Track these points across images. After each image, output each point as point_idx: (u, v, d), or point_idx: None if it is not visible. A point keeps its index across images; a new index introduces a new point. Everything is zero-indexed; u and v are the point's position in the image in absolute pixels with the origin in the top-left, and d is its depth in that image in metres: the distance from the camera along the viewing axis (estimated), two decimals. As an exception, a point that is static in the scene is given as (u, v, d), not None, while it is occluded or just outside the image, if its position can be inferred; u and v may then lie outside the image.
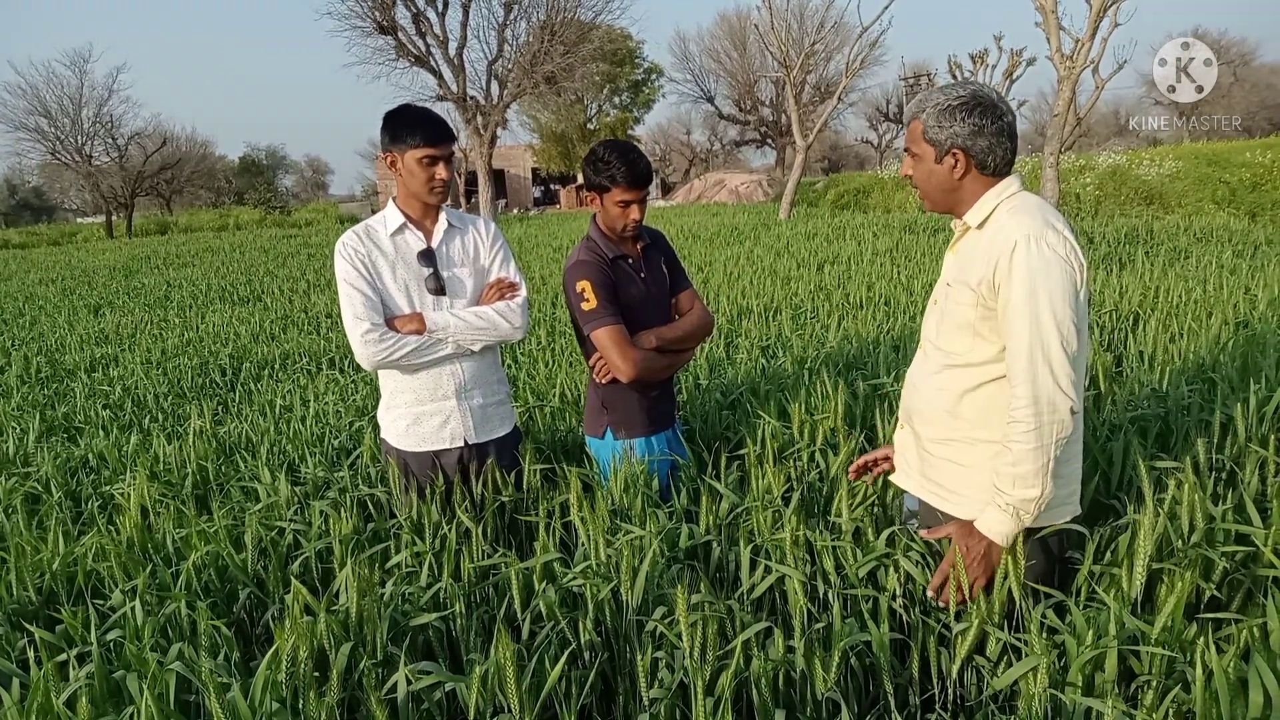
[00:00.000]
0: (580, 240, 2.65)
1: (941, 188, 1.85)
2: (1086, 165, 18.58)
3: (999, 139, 1.79)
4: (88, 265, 17.61)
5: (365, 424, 3.87)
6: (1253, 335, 4.48)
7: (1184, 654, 1.60)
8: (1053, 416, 1.68)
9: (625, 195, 2.47)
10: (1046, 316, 1.66)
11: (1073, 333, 1.67)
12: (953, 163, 1.81)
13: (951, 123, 1.78)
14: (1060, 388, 1.67)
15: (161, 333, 8.16)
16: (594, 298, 2.48)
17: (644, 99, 43.64)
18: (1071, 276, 1.68)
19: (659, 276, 2.68)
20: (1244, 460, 2.48)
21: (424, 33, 22.17)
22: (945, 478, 1.94)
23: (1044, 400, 1.67)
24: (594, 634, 1.89)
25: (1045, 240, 1.68)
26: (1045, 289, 1.66)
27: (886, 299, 6.89)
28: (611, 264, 2.55)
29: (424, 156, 2.39)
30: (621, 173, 2.44)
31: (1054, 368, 1.67)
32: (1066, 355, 1.66)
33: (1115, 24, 12.16)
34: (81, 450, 3.99)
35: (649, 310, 2.60)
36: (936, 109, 1.80)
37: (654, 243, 2.71)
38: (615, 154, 2.46)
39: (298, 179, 66.53)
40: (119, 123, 36.41)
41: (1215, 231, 11.06)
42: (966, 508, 1.88)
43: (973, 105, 1.77)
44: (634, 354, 2.49)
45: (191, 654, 1.81)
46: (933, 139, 1.82)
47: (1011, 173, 1.85)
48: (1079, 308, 1.70)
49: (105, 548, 2.45)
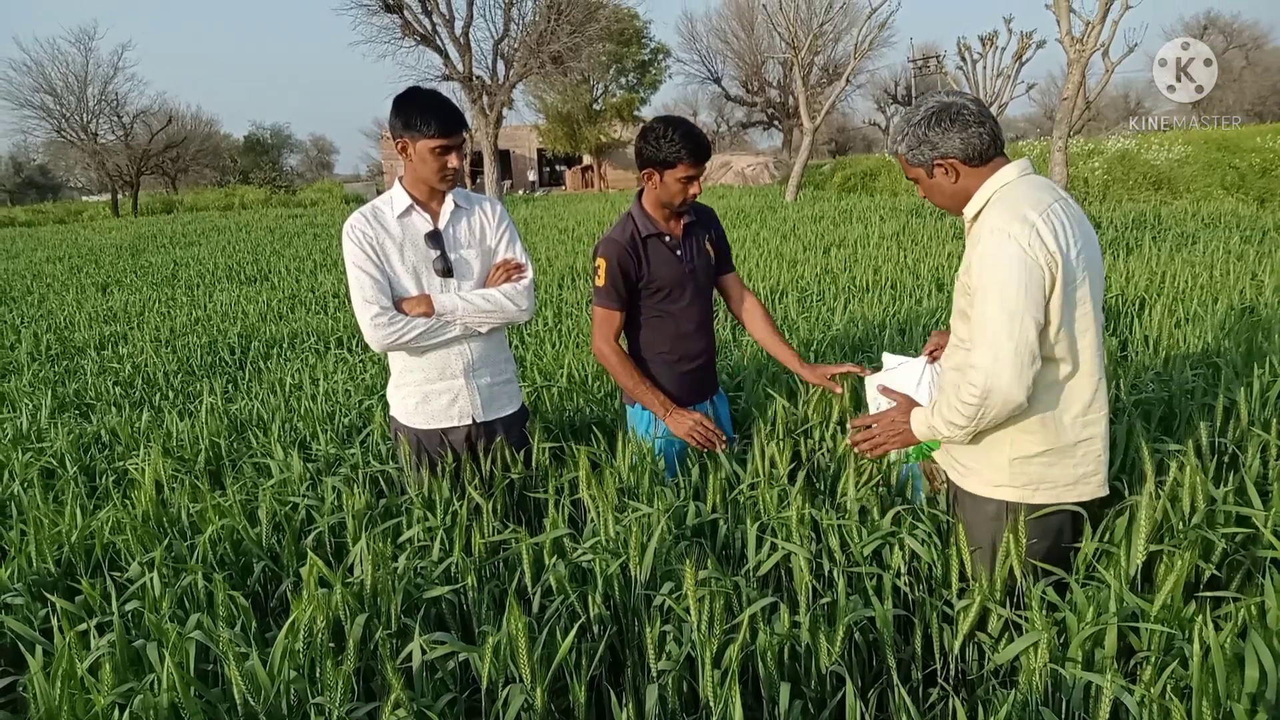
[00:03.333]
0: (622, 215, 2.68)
1: (948, 195, 1.93)
2: (1095, 149, 18.47)
3: (969, 130, 1.83)
4: (94, 243, 17.65)
5: (375, 402, 3.91)
6: (1258, 320, 4.49)
7: (1183, 631, 1.63)
8: (992, 400, 1.77)
9: (689, 171, 2.47)
10: (996, 308, 1.74)
11: (1025, 325, 1.72)
12: (943, 172, 1.89)
13: (919, 142, 1.88)
14: (1000, 379, 1.74)
15: (170, 311, 8.21)
16: (604, 277, 2.57)
17: (650, 79, 43.41)
18: (1033, 269, 1.72)
19: (701, 253, 2.69)
20: (1246, 444, 2.50)
21: (430, 11, 22.07)
22: (961, 453, 2.02)
23: (989, 386, 1.76)
24: (603, 608, 1.93)
25: (1009, 232, 1.73)
26: (999, 281, 1.74)
27: (893, 282, 6.90)
28: (645, 242, 2.58)
29: (437, 147, 2.39)
30: (688, 149, 2.44)
31: (999, 359, 1.74)
32: (1013, 347, 1.72)
33: (1126, 6, 12.06)
34: (94, 426, 4.04)
35: (687, 289, 2.63)
36: (904, 139, 1.90)
37: (699, 220, 2.71)
38: (678, 130, 2.46)
39: (303, 158, 66.39)
40: (124, 101, 36.46)
41: (1223, 217, 11.02)
42: (974, 481, 1.97)
43: (930, 118, 1.85)
44: (604, 345, 2.60)
45: (209, 624, 1.85)
46: (916, 162, 1.91)
47: (1005, 156, 1.89)
48: (1037, 298, 1.73)
49: (121, 521, 2.50)
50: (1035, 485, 1.90)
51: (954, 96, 1.86)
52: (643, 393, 2.56)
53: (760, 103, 45.81)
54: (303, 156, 66.43)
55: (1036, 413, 1.86)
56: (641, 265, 2.57)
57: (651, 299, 2.62)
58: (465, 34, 22.52)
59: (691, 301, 2.65)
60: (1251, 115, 44.53)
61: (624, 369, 2.59)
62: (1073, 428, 1.88)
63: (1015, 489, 1.91)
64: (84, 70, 34.56)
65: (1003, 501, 1.93)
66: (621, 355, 2.61)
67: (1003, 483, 1.92)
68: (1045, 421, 1.87)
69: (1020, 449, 1.89)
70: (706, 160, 2.51)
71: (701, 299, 2.69)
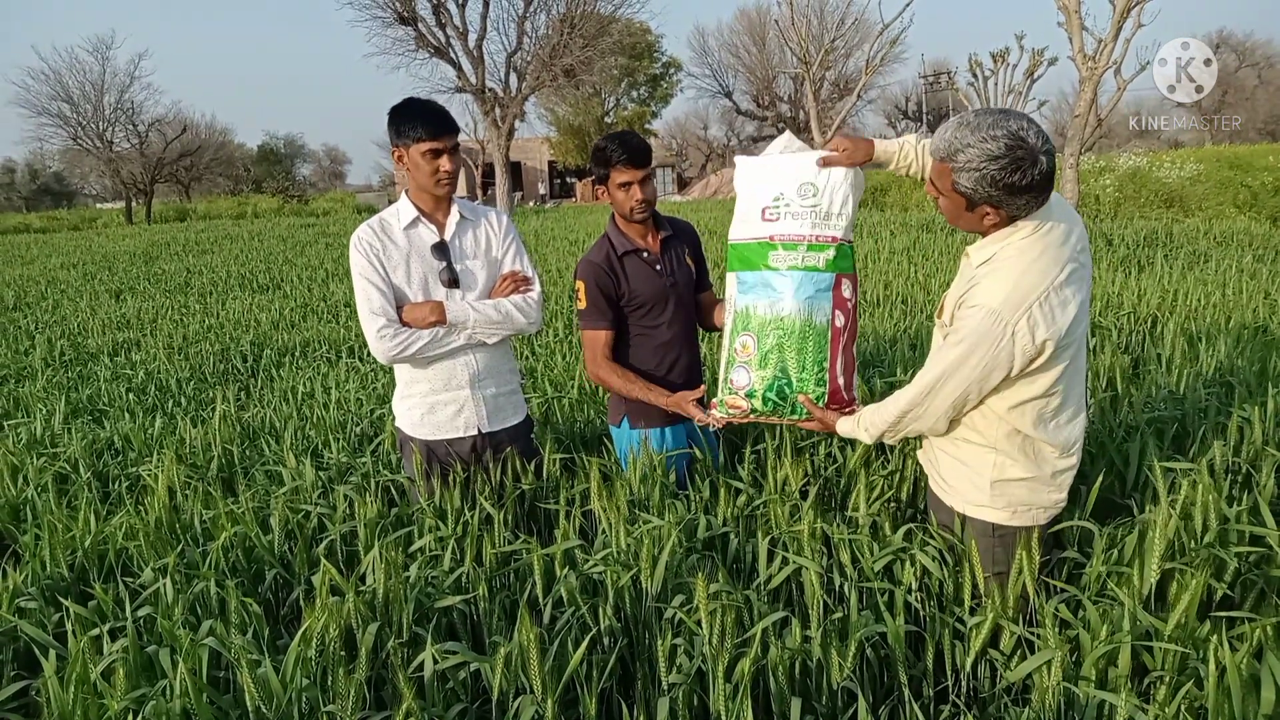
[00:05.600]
0: None
1: (967, 225, 1.84)
2: (1106, 167, 18.45)
3: (1033, 196, 1.71)
4: (108, 250, 17.77)
5: (386, 412, 3.92)
6: (1271, 340, 4.48)
7: (1197, 651, 1.63)
8: (910, 426, 1.96)
9: (625, 175, 2.49)
10: (953, 365, 1.80)
11: (965, 391, 1.82)
12: (984, 214, 1.77)
13: (989, 186, 1.69)
14: (924, 417, 1.91)
15: (182, 319, 8.26)
16: (584, 298, 2.58)
17: (662, 93, 43.61)
18: (1001, 358, 1.74)
19: (682, 267, 2.68)
20: (1260, 463, 2.49)
21: (444, 24, 22.21)
22: (945, 471, 2.04)
23: (916, 414, 1.91)
24: (614, 620, 1.93)
25: (1000, 316, 1.72)
26: (967, 347, 1.77)
27: (904, 297, 6.90)
28: (621, 260, 2.57)
29: (428, 150, 2.40)
30: (617, 154, 2.46)
31: (933, 402, 1.87)
32: (949, 402, 1.85)
33: (1139, 25, 12.06)
34: (108, 432, 4.06)
35: (669, 302, 2.62)
36: (969, 164, 1.69)
37: (677, 234, 2.72)
38: (609, 139, 2.50)
39: (315, 168, 66.91)
40: (140, 109, 36.86)
41: (1236, 235, 10.99)
42: (954, 497, 2.01)
43: (1011, 165, 1.65)
44: (595, 368, 2.61)
45: (222, 631, 1.86)
46: (964, 193, 1.74)
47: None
48: (989, 380, 1.78)
49: (134, 527, 2.51)
50: (1014, 508, 1.93)
51: (1034, 137, 1.65)
52: (646, 394, 2.56)
53: (771, 117, 45.88)
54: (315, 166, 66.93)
55: (1028, 443, 1.89)
56: (621, 283, 2.57)
57: (634, 315, 2.62)
58: (479, 47, 22.64)
59: (674, 315, 2.64)
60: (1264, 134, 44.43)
61: (624, 383, 2.58)
62: (1057, 459, 1.92)
63: (995, 510, 1.94)
64: (101, 79, 34.99)
65: (987, 522, 1.96)
66: (617, 371, 2.60)
67: (984, 503, 1.95)
68: (1033, 452, 1.90)
69: (1004, 473, 1.91)
70: (644, 164, 2.50)
71: (684, 312, 2.68)
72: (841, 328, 2.18)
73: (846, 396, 2.20)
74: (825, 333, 2.16)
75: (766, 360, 2.20)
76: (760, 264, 2.22)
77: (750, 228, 2.27)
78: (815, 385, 2.16)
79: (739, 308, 2.27)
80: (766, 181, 2.25)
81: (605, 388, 2.68)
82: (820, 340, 2.16)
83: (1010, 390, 1.82)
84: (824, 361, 2.16)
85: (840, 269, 2.18)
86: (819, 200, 2.17)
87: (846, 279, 2.20)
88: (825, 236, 2.16)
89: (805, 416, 2.21)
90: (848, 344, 2.21)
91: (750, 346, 2.23)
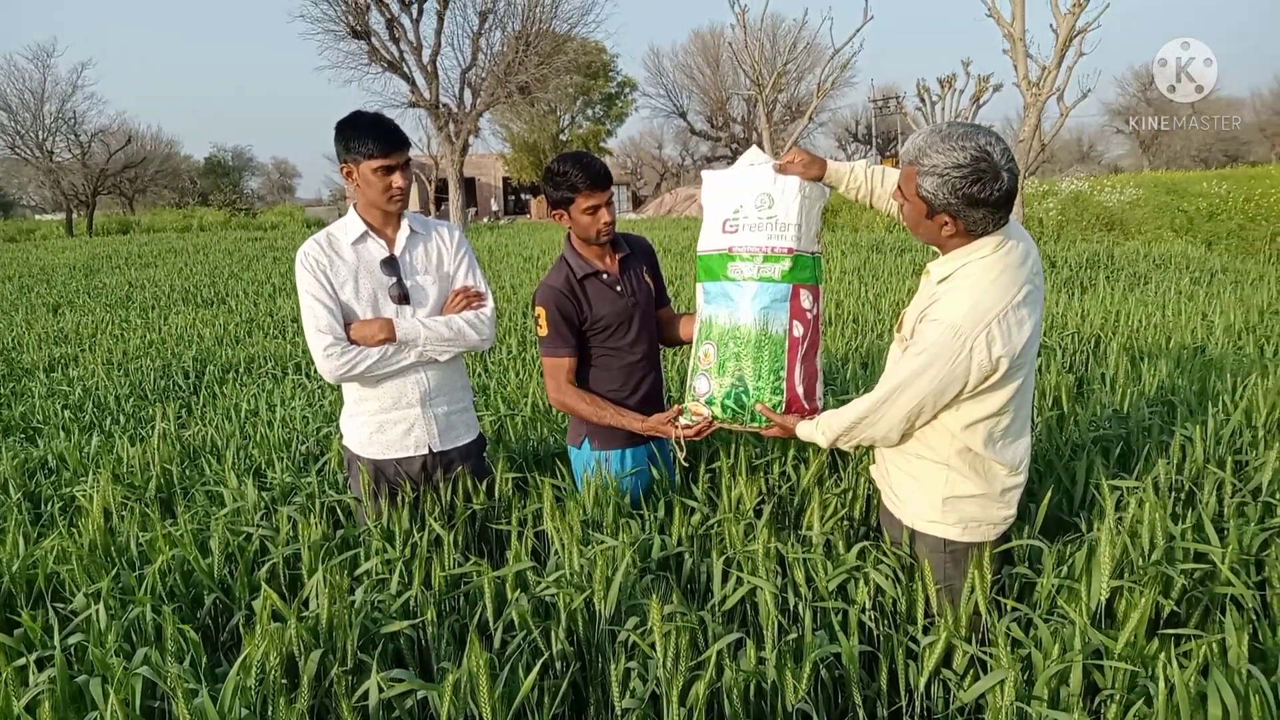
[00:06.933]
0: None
1: (925, 234, 1.86)
2: (1050, 190, 18.94)
3: (994, 212, 1.74)
4: (46, 263, 17.27)
5: (333, 430, 3.84)
6: (1210, 360, 4.60)
7: (1146, 669, 1.64)
8: (864, 433, 1.97)
9: (590, 200, 2.44)
10: (908, 378, 1.82)
11: (921, 404, 1.83)
12: (943, 222, 1.79)
13: (949, 194, 1.72)
14: (879, 424, 1.92)
15: (123, 333, 8.03)
16: (546, 325, 2.51)
17: (617, 112, 43.80)
18: (958, 373, 1.76)
19: (642, 286, 2.65)
20: (1202, 481, 2.55)
21: (398, 39, 22.12)
22: (897, 485, 2.06)
23: (871, 420, 1.92)
24: (566, 644, 1.89)
25: (959, 330, 1.74)
26: (926, 360, 1.79)
27: (855, 316, 6.97)
28: (581, 284, 2.53)
29: (379, 167, 2.35)
30: (581, 178, 2.41)
31: (888, 412, 1.88)
32: (904, 413, 1.86)
33: (1080, 54, 12.45)
34: (41, 451, 3.91)
35: (632, 322, 2.58)
36: (934, 169, 1.72)
37: (635, 252, 2.69)
38: (569, 163, 2.44)
39: (264, 181, 65.86)
40: (82, 119, 35.80)
41: (1174, 258, 11.33)
42: (906, 512, 2.02)
43: (973, 176, 1.69)
44: (560, 395, 2.54)
45: (157, 659, 1.78)
46: (925, 198, 1.77)
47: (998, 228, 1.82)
48: (944, 394, 1.80)
49: (67, 550, 2.41)
50: (964, 524, 1.95)
51: (999, 154, 1.69)
52: (618, 419, 2.52)
53: (725, 138, 46.40)
54: (264, 179, 65.91)
55: (979, 460, 1.90)
56: (583, 306, 2.52)
57: (597, 338, 2.56)
58: (433, 62, 22.58)
59: (639, 335, 2.60)
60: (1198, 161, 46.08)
61: (590, 407, 2.52)
62: (1006, 477, 1.94)
63: (946, 525, 1.95)
64: (41, 87, 34.02)
65: (938, 538, 1.97)
66: (581, 395, 2.54)
67: (935, 519, 1.96)
68: (984, 469, 1.92)
69: (955, 489, 1.93)
70: (606, 187, 2.47)
71: (648, 331, 2.65)
72: (800, 338, 2.19)
73: (807, 405, 2.21)
74: (782, 343, 2.18)
75: (724, 368, 2.22)
76: (721, 274, 2.26)
77: (713, 240, 2.30)
78: (772, 394, 2.18)
79: (704, 317, 2.32)
80: (728, 194, 2.29)
81: (571, 414, 2.62)
82: (777, 350, 2.17)
83: (965, 408, 1.83)
84: (780, 371, 2.17)
85: (798, 279, 2.19)
86: (774, 212, 2.19)
87: (806, 290, 2.21)
88: (781, 248, 2.17)
89: (765, 425, 2.21)
90: (808, 354, 2.22)
91: (711, 354, 2.26)
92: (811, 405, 2.22)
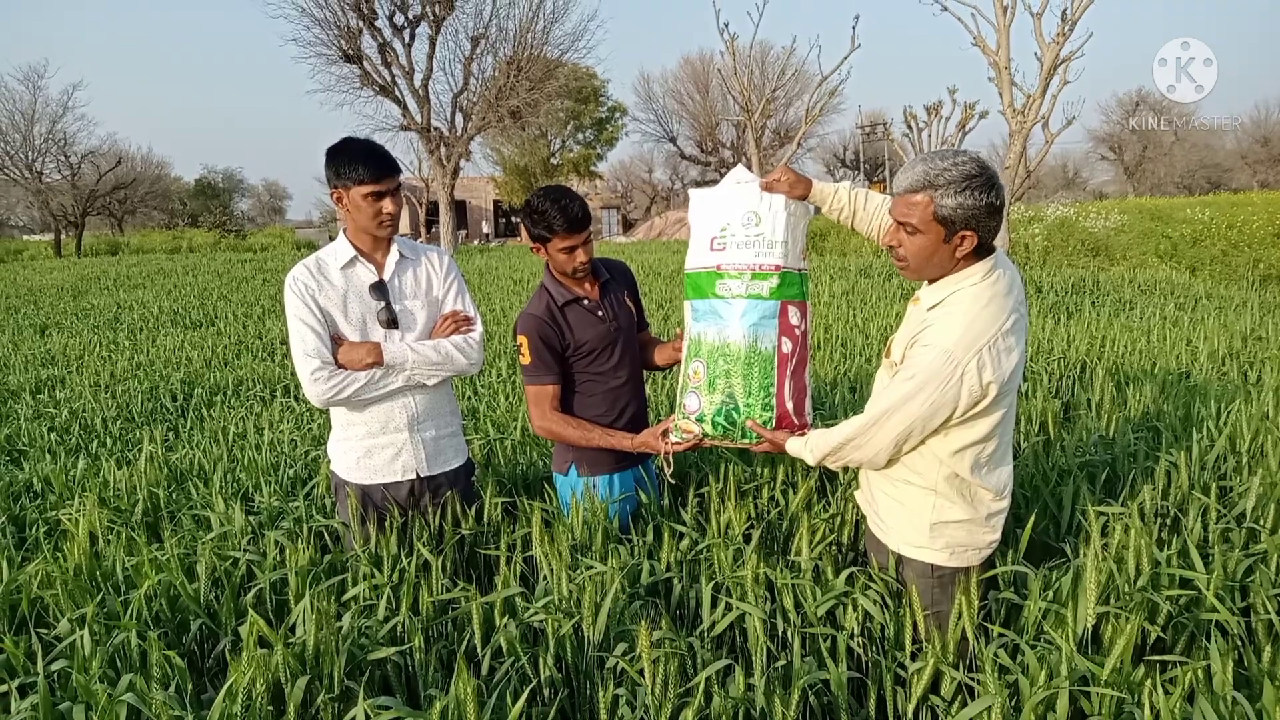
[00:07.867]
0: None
1: (937, 265, 1.86)
2: (1035, 216, 19.11)
3: (999, 220, 1.79)
4: (34, 284, 17.18)
5: (321, 454, 3.82)
6: (1193, 386, 4.64)
7: (1132, 695, 1.65)
8: (851, 455, 1.97)
9: (566, 241, 2.45)
10: (899, 401, 1.83)
11: (910, 428, 1.84)
12: (959, 242, 1.80)
13: (969, 199, 1.73)
14: (868, 446, 1.92)
15: (111, 355, 7.99)
16: (529, 354, 2.52)
17: (607, 136, 44.03)
18: (948, 397, 1.78)
19: (623, 310, 2.66)
20: (1187, 506, 2.57)
21: (390, 63, 22.21)
22: (884, 511, 2.07)
23: (859, 442, 1.93)
24: (555, 670, 1.89)
25: (952, 355, 1.76)
26: (918, 384, 1.80)
27: (843, 341, 7.00)
28: (563, 310, 2.54)
29: (369, 192, 2.37)
30: (557, 221, 2.42)
31: (878, 435, 1.89)
32: (894, 437, 1.87)
33: (1065, 81, 12.63)
34: (26, 474, 3.88)
35: (616, 346, 2.60)
36: (952, 185, 1.74)
37: (614, 277, 2.71)
38: (548, 203, 2.43)
39: (254, 203, 65.80)
40: (72, 140, 35.77)
41: (1158, 284, 11.43)
42: (893, 537, 2.04)
43: (985, 182, 1.74)
44: (545, 422, 2.55)
45: (142, 685, 1.77)
46: (946, 217, 1.76)
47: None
48: (935, 419, 1.82)
49: (51, 575, 2.39)
50: (951, 549, 1.96)
51: (989, 166, 1.77)
52: (606, 440, 2.52)
53: (714, 162, 46.66)
54: (254, 201, 65.85)
55: (965, 486, 1.92)
56: (565, 333, 2.53)
57: (581, 364, 2.57)
58: (425, 86, 22.68)
59: (622, 359, 2.61)
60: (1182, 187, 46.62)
61: (577, 431, 2.53)
62: (992, 501, 1.96)
63: (933, 551, 1.97)
64: (32, 108, 33.96)
65: (925, 563, 1.98)
66: (566, 420, 2.54)
67: (922, 544, 1.98)
68: (970, 495, 1.94)
69: (942, 514, 1.94)
70: (583, 228, 2.46)
71: (631, 355, 2.66)
72: (789, 354, 2.21)
73: (797, 421, 2.22)
74: (771, 359, 2.19)
75: (714, 385, 2.23)
76: (709, 292, 2.27)
77: (701, 257, 2.31)
78: (762, 410, 2.19)
79: (692, 335, 2.33)
80: (715, 212, 2.30)
81: (557, 441, 2.62)
82: (766, 366, 2.19)
83: (953, 434, 1.86)
84: (770, 387, 2.19)
85: (786, 296, 2.20)
86: (761, 229, 2.21)
87: (794, 306, 2.22)
88: (768, 265, 2.19)
89: (756, 441, 2.22)
90: (797, 370, 2.23)
91: (701, 372, 2.27)
92: (801, 421, 2.24)
